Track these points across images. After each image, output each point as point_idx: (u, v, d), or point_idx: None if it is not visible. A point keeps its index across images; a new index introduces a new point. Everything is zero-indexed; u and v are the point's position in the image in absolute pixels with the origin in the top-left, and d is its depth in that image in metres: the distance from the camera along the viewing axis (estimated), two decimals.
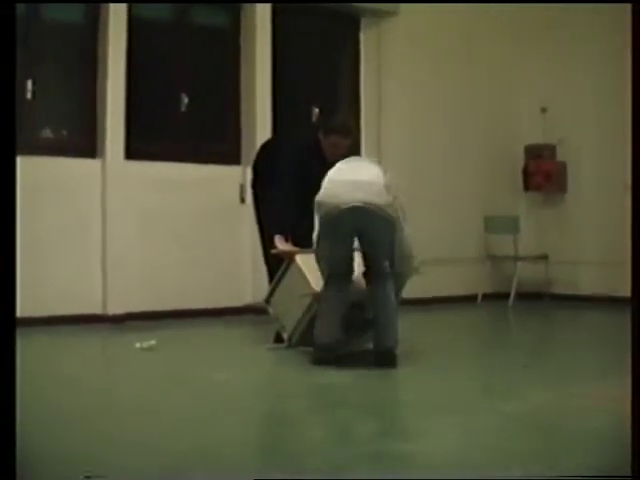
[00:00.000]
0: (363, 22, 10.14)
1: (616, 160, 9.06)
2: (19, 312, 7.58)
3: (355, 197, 5.38)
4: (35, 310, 7.67)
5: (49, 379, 5.26)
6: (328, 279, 5.63)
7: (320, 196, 5.55)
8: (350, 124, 6.79)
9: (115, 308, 8.14)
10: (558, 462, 3.26)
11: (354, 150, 7.43)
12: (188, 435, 3.75)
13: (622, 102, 6.71)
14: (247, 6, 9.11)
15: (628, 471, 2.75)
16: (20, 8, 8.05)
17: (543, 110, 10.53)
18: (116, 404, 4.55)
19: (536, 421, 4.05)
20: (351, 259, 5.63)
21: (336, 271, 5.59)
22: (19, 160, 7.72)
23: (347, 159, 5.82)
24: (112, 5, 8.20)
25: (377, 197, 5.39)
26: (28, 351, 6.45)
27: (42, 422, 4.01)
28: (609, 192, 9.76)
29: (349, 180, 5.45)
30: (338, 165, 5.69)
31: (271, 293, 6.27)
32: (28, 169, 7.79)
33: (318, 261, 5.66)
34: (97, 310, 8.13)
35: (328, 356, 5.53)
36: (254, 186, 6.84)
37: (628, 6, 3.76)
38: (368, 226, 5.44)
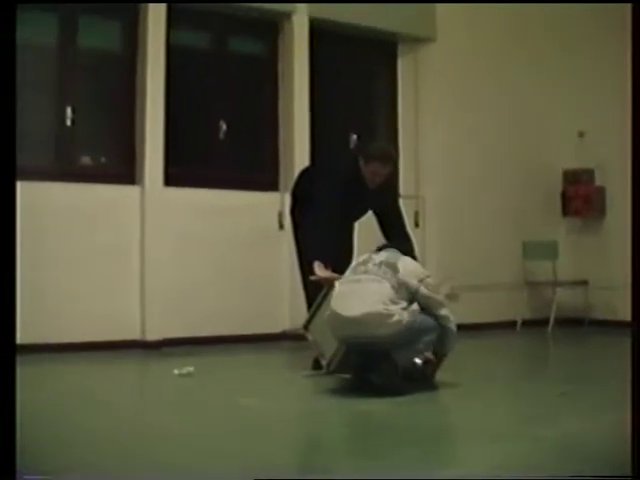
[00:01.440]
0: (400, 48, 10.18)
1: None
2: (57, 338, 7.72)
3: (351, 333, 5.45)
4: (74, 336, 7.72)
5: (84, 404, 5.27)
6: None
7: (327, 315, 5.66)
8: (391, 151, 6.75)
9: (153, 334, 8.16)
10: None
11: (393, 177, 7.41)
12: (219, 461, 3.74)
13: None
14: (284, 33, 9.17)
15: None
16: (55, 36, 8.16)
17: (580, 134, 10.49)
18: (146, 429, 4.54)
19: (573, 448, 4.01)
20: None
21: None
22: (59, 187, 7.87)
23: (350, 275, 5.72)
24: (150, 33, 8.27)
25: (375, 328, 5.31)
26: (65, 376, 6.53)
27: (73, 445, 4.03)
28: None
29: (343, 317, 5.44)
30: (338, 289, 5.66)
31: (310, 319, 6.24)
32: (67, 196, 7.89)
33: None
34: (135, 336, 8.15)
35: (363, 378, 5.54)
36: (293, 212, 6.84)
37: None
38: (376, 348, 5.43)
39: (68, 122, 8.13)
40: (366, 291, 5.46)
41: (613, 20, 9.78)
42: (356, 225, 6.79)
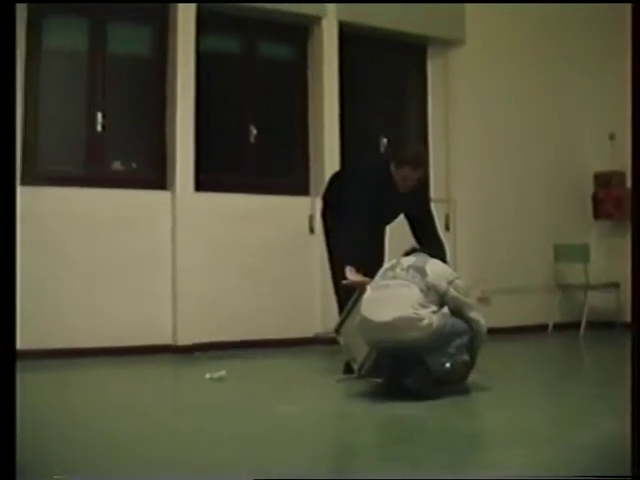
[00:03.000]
0: (430, 51, 10.16)
1: None
2: (90, 343, 7.77)
3: (381, 338, 5.44)
4: (106, 341, 7.76)
5: (115, 408, 5.28)
6: None
7: (357, 321, 5.66)
8: (422, 155, 6.72)
9: (185, 338, 8.17)
10: None
11: (424, 181, 7.39)
12: (249, 465, 3.72)
13: None
14: (314, 38, 9.18)
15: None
16: (85, 42, 8.20)
17: (611, 137, 10.43)
18: (176, 432, 4.53)
19: (605, 452, 3.98)
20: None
21: None
22: (90, 192, 7.92)
23: (379, 281, 5.67)
24: (180, 38, 8.31)
25: (405, 332, 5.29)
26: (97, 381, 6.56)
27: (101, 448, 4.05)
28: None
29: (373, 322, 5.43)
30: (367, 295, 5.64)
31: (341, 323, 6.23)
32: (99, 201, 7.93)
33: None
34: (167, 341, 8.17)
35: (395, 383, 5.52)
36: (324, 216, 6.84)
37: None
38: (407, 352, 5.41)
39: (99, 128, 8.18)
40: (395, 296, 5.45)
41: None
42: (387, 229, 6.78)
